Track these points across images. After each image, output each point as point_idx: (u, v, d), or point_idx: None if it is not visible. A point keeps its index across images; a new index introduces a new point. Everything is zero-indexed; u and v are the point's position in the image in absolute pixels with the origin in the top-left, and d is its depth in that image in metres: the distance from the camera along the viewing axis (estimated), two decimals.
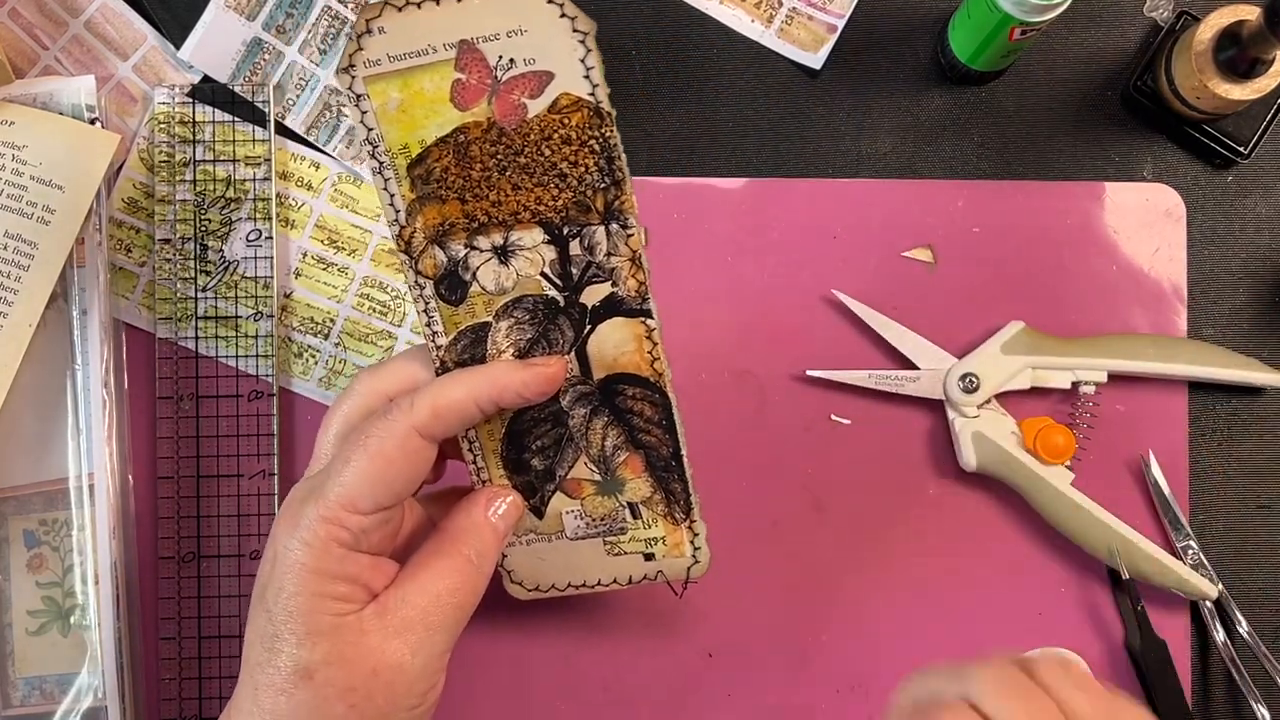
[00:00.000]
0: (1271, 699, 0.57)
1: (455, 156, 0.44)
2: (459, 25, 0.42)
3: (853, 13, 0.61)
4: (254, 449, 0.58)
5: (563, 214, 0.45)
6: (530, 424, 0.48)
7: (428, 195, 0.44)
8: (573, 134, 0.44)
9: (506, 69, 0.43)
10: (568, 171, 0.44)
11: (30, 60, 0.60)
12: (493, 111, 0.43)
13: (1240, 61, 0.55)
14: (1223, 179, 0.61)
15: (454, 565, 0.45)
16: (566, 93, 0.43)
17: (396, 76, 0.43)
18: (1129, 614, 0.57)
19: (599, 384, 0.48)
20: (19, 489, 0.57)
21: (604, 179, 0.45)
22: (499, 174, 0.44)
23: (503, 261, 0.45)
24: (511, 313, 0.46)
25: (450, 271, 0.46)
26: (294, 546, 0.43)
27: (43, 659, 0.56)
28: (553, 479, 0.49)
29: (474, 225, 0.45)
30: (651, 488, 0.50)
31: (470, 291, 0.46)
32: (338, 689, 0.43)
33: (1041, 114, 0.61)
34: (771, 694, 0.58)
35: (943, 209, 0.60)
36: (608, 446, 0.49)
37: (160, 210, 0.59)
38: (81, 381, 0.57)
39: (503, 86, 0.43)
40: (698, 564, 0.51)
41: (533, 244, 0.45)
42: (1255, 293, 0.60)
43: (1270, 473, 0.60)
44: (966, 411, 0.57)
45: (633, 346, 0.47)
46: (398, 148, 0.44)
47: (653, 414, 0.48)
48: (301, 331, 0.59)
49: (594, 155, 0.44)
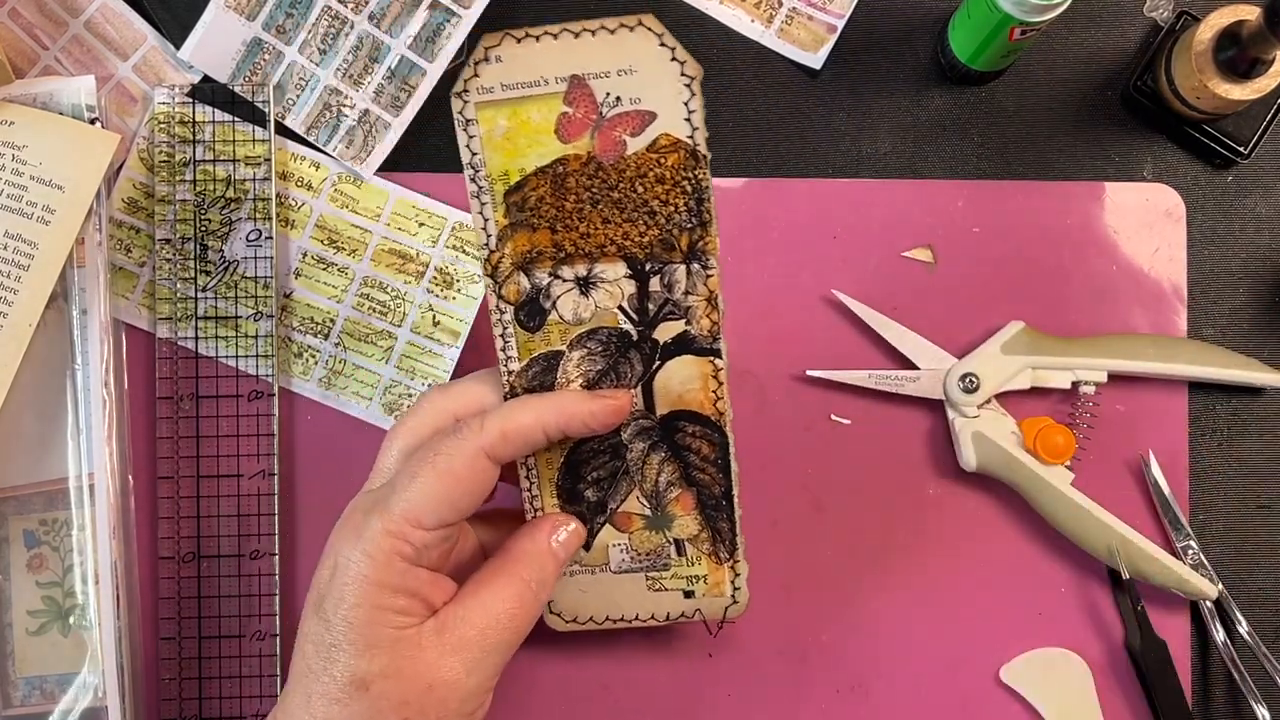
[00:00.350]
0: (1271, 699, 0.57)
1: (552, 186, 0.45)
2: (573, 60, 0.43)
3: (853, 13, 0.61)
4: (254, 449, 0.58)
5: (648, 250, 0.46)
6: (589, 455, 0.49)
7: (520, 222, 0.45)
8: (667, 173, 0.45)
9: (612, 106, 0.44)
10: (658, 209, 0.45)
11: (30, 60, 0.60)
12: (594, 146, 0.45)
13: (1240, 61, 0.55)
14: (1223, 179, 0.61)
15: (515, 590, 0.46)
16: (666, 133, 0.44)
17: (507, 105, 0.44)
18: (1129, 614, 0.57)
19: (660, 419, 0.48)
20: (19, 489, 0.57)
21: (691, 219, 0.45)
22: (591, 207, 0.45)
23: (584, 293, 0.46)
24: (585, 343, 0.47)
25: (532, 299, 0.46)
26: (356, 558, 0.44)
27: (43, 659, 0.56)
28: (604, 511, 0.50)
29: (561, 255, 0.46)
30: (699, 525, 0.50)
31: (548, 320, 0.47)
32: (392, 702, 0.43)
33: (1041, 114, 0.61)
34: (771, 694, 0.58)
35: (943, 209, 0.60)
36: (662, 482, 0.49)
37: (160, 210, 0.59)
38: (81, 381, 0.57)
39: (606, 123, 0.44)
40: (736, 604, 0.51)
41: (614, 277, 0.46)
42: (1255, 293, 0.60)
43: (1270, 473, 0.60)
44: (966, 411, 0.57)
45: (698, 385, 0.48)
46: (498, 174, 0.45)
47: (709, 452, 0.49)
48: (301, 331, 0.59)
49: (685, 196, 0.45)
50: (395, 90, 0.59)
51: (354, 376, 0.59)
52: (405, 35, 0.59)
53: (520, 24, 0.60)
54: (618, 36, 0.43)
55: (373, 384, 0.59)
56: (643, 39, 0.43)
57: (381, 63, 0.60)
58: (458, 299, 0.59)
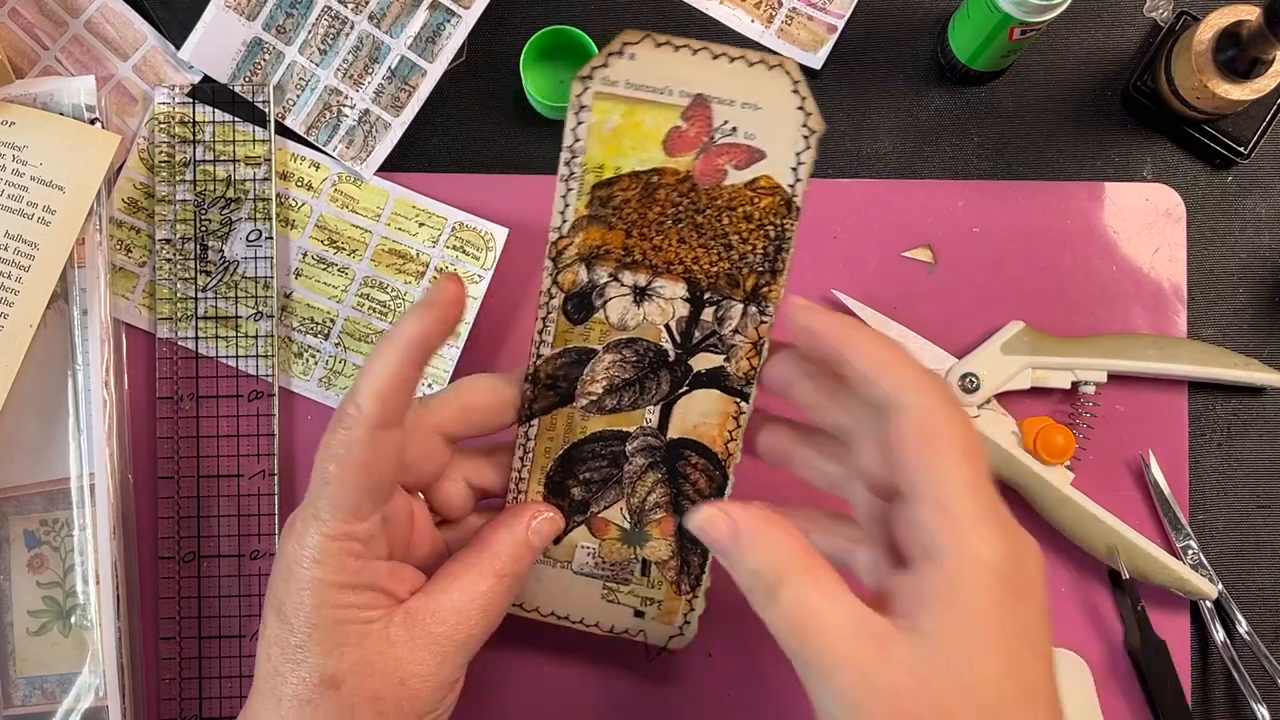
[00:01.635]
0: (1271, 699, 0.57)
1: (642, 192, 0.45)
2: (703, 79, 0.43)
3: (853, 13, 0.61)
4: (254, 449, 0.58)
5: (712, 280, 0.46)
6: (589, 455, 0.49)
7: (599, 217, 0.45)
8: (756, 213, 0.45)
9: (726, 134, 0.44)
10: (735, 244, 0.45)
11: (30, 60, 0.60)
12: (695, 166, 0.44)
13: (1240, 61, 0.55)
14: (1223, 179, 0.61)
15: (488, 585, 0.45)
16: (769, 176, 0.44)
17: (625, 102, 0.44)
18: (1129, 614, 0.57)
19: (669, 442, 0.48)
20: (20, 489, 0.57)
21: (765, 264, 0.45)
22: (673, 223, 0.45)
23: (637, 301, 0.46)
24: (621, 350, 0.47)
25: (585, 292, 0.46)
26: (306, 564, 0.43)
27: (43, 659, 0.56)
28: (584, 512, 0.50)
29: (628, 259, 0.46)
30: (672, 552, 0.50)
31: (593, 317, 0.47)
32: (364, 698, 0.43)
33: (1041, 114, 0.61)
34: (771, 694, 0.58)
35: (943, 209, 0.60)
36: (650, 501, 0.49)
37: (160, 210, 0.59)
38: (82, 381, 0.57)
39: (715, 148, 0.44)
40: (681, 636, 0.51)
41: (671, 296, 0.46)
42: (1255, 293, 0.60)
43: (1270, 473, 0.60)
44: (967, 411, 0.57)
45: (717, 420, 0.48)
46: (593, 165, 0.45)
47: (706, 487, 0.49)
48: (301, 331, 0.59)
49: (766, 240, 0.45)
50: (395, 90, 0.59)
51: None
52: (405, 35, 0.59)
53: (520, 24, 0.60)
54: (755, 70, 0.43)
55: None
56: (777, 79, 0.43)
57: (382, 63, 0.60)
58: None
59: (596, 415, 0.48)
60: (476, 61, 0.60)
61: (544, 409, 0.48)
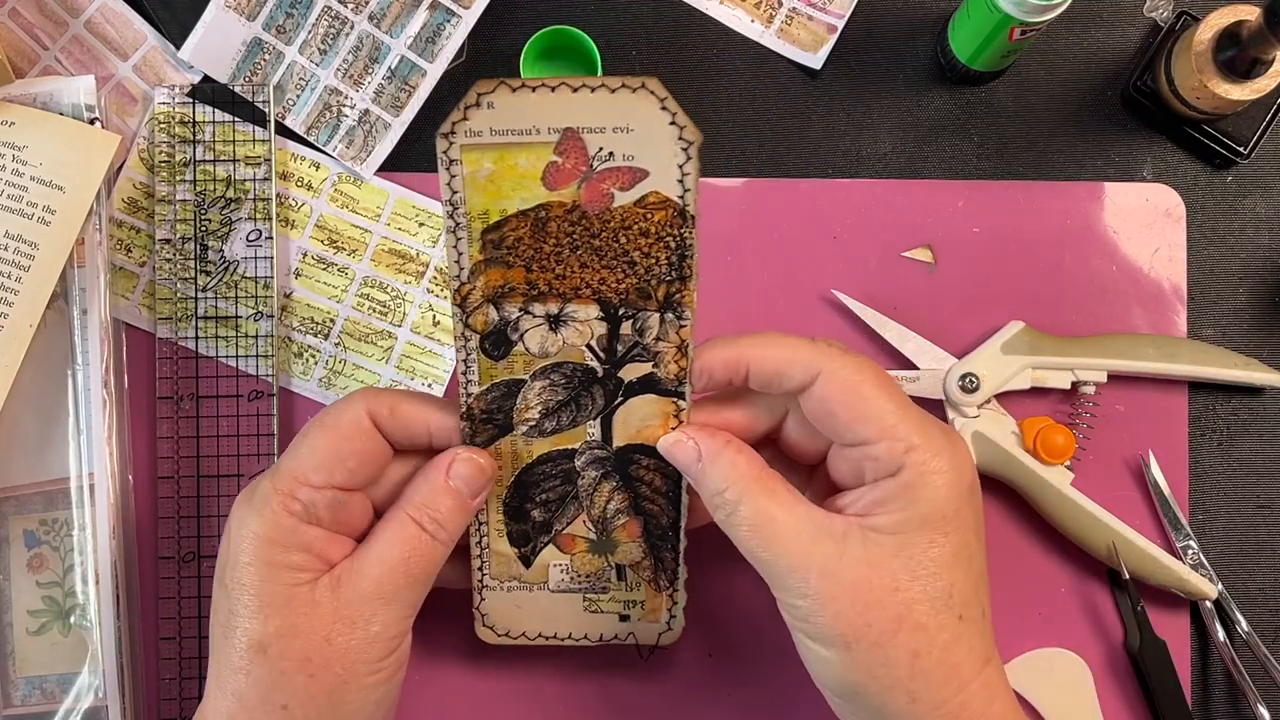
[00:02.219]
0: (1271, 699, 0.57)
1: (532, 229, 0.45)
2: (568, 113, 0.43)
3: (853, 13, 0.61)
4: (254, 449, 0.58)
5: (623, 296, 0.46)
6: (541, 478, 0.49)
7: (495, 259, 0.45)
8: (652, 229, 0.45)
9: (604, 160, 0.44)
10: (638, 260, 0.45)
11: (30, 60, 0.60)
12: (580, 195, 0.44)
13: (1240, 61, 0.55)
14: (1223, 179, 0.61)
15: (407, 533, 0.46)
16: (657, 191, 0.44)
17: (494, 149, 0.43)
18: (1129, 614, 0.57)
19: (616, 451, 0.49)
20: (19, 489, 0.57)
21: (671, 273, 0.45)
22: (570, 251, 0.45)
23: (553, 329, 0.46)
24: (549, 375, 0.47)
25: (499, 330, 0.46)
26: (248, 518, 0.44)
27: (43, 659, 0.56)
28: (549, 532, 0.50)
29: (534, 292, 0.46)
30: (643, 553, 0.50)
31: (513, 350, 0.47)
32: (293, 661, 0.43)
33: (1041, 114, 0.61)
34: (771, 694, 0.58)
35: (943, 209, 0.60)
36: (610, 509, 0.50)
37: (160, 210, 0.59)
38: (81, 381, 0.57)
39: (596, 175, 0.44)
40: (670, 631, 0.52)
41: (586, 318, 0.46)
42: (1255, 293, 0.60)
43: (1270, 473, 0.60)
44: (966, 411, 0.57)
45: (658, 422, 0.48)
46: (477, 212, 0.44)
47: (661, 484, 0.49)
48: (301, 331, 0.59)
49: (668, 251, 0.45)
50: (395, 90, 0.59)
51: (354, 376, 0.59)
52: (405, 35, 0.59)
53: (520, 24, 0.60)
54: (618, 96, 0.43)
55: (373, 384, 0.59)
56: (643, 100, 0.43)
57: (381, 63, 0.60)
58: None
59: (539, 439, 0.48)
60: (476, 61, 0.60)
61: (486, 441, 0.48)
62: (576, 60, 0.60)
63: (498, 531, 0.50)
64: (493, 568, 0.51)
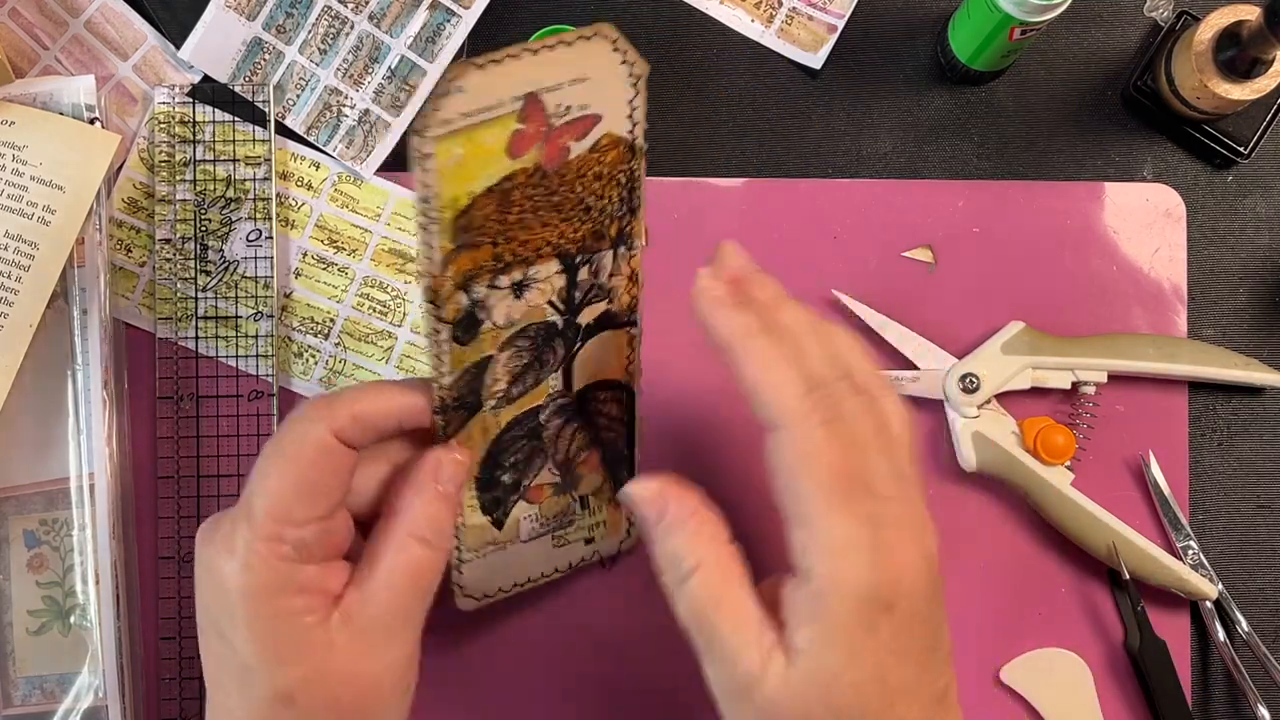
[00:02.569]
0: (1271, 699, 0.57)
1: (498, 204, 0.43)
2: (530, 77, 0.41)
3: (853, 13, 0.61)
4: (254, 449, 0.58)
5: (580, 244, 0.45)
6: (509, 443, 0.48)
7: (465, 244, 0.43)
8: (605, 170, 0.44)
9: (561, 116, 0.42)
10: (592, 205, 0.44)
11: (30, 60, 0.60)
12: (540, 156, 0.43)
13: (1240, 61, 0.55)
14: (1223, 179, 0.61)
15: (411, 554, 0.43)
16: (609, 133, 0.43)
17: (464, 133, 0.41)
18: (1129, 614, 0.57)
19: (577, 394, 0.48)
20: (19, 489, 0.57)
21: (623, 207, 0.45)
22: (532, 215, 0.44)
23: (517, 296, 0.45)
24: (514, 343, 0.46)
25: (469, 313, 0.45)
26: (235, 574, 0.41)
27: (43, 658, 0.56)
28: (517, 490, 0.50)
29: (499, 266, 0.44)
30: (602, 479, 0.51)
31: (482, 329, 0.45)
32: (322, 703, 0.42)
33: (1041, 114, 0.61)
34: None
35: (943, 209, 0.60)
36: (573, 449, 0.50)
37: (160, 210, 0.59)
38: (81, 381, 0.57)
39: (554, 133, 0.43)
40: (629, 538, 0.53)
41: (546, 275, 0.45)
42: (1255, 293, 0.60)
43: (1270, 473, 0.60)
44: (966, 412, 0.57)
45: (613, 354, 0.48)
46: (448, 200, 0.42)
47: (618, 412, 0.49)
48: (301, 331, 0.59)
49: (619, 187, 0.44)
50: (395, 90, 0.59)
51: (354, 376, 0.59)
52: (405, 35, 0.59)
53: (520, 24, 0.60)
54: (575, 48, 0.41)
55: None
56: (597, 46, 0.42)
57: (382, 63, 0.60)
58: None
59: (506, 407, 0.47)
60: None
61: (458, 427, 0.46)
62: None
63: (470, 508, 0.49)
64: (467, 540, 0.49)
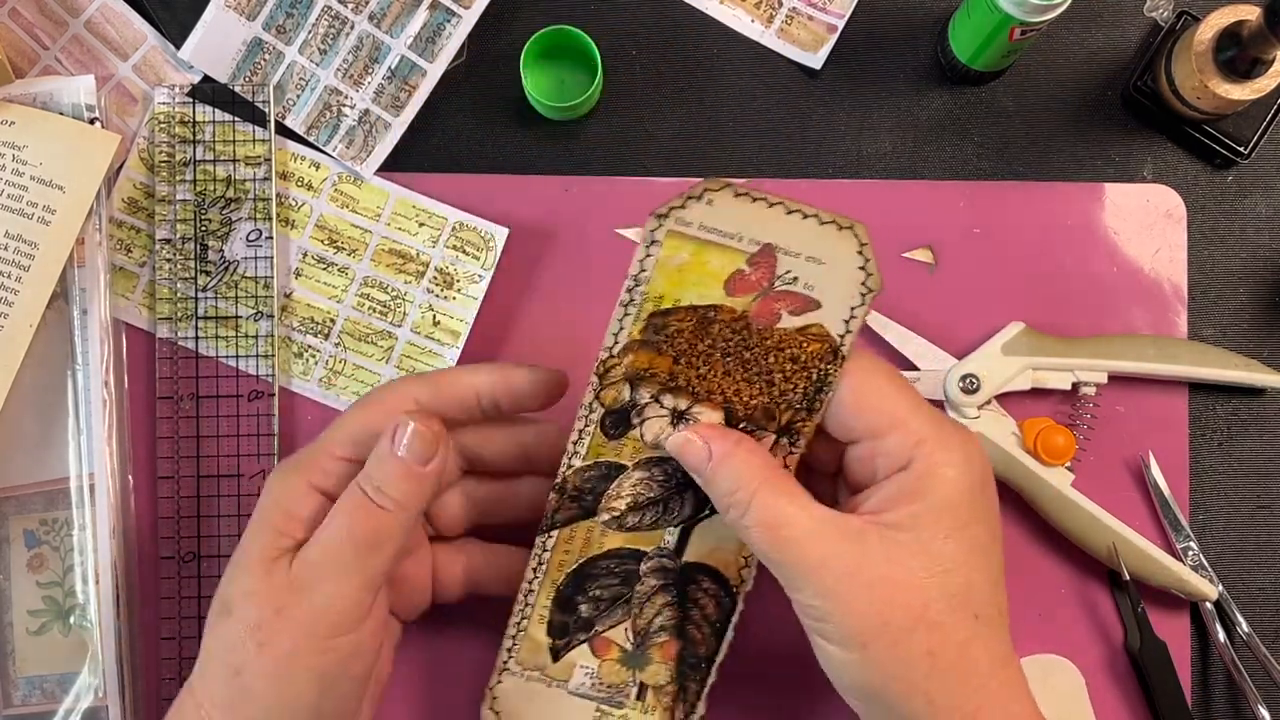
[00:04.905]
0: (1271, 700, 0.57)
1: (697, 324, 0.46)
2: (773, 230, 0.44)
3: (853, 13, 0.61)
4: (254, 449, 0.58)
5: (750, 411, 0.46)
6: (602, 572, 0.49)
7: (650, 343, 0.46)
8: (803, 356, 0.46)
9: (787, 282, 0.45)
10: (778, 382, 0.46)
11: (30, 60, 0.60)
12: (751, 308, 0.45)
13: (1240, 61, 0.55)
14: (1223, 179, 0.61)
15: (351, 501, 0.46)
16: (820, 324, 0.45)
17: (695, 242, 0.45)
18: (1129, 615, 0.57)
19: (683, 565, 0.49)
20: (19, 489, 0.57)
21: (804, 402, 0.46)
22: (721, 355, 0.46)
23: (674, 423, 0.47)
24: (650, 468, 0.48)
25: (624, 410, 0.47)
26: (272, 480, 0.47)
27: (43, 658, 0.56)
28: (588, 630, 0.50)
29: (671, 384, 0.46)
30: (670, 677, 0.50)
31: (628, 434, 0.47)
32: (247, 625, 0.44)
33: (1041, 114, 0.61)
34: (771, 694, 0.58)
35: (943, 209, 0.60)
36: (656, 624, 0.49)
37: (160, 210, 0.59)
38: (82, 381, 0.57)
39: (773, 294, 0.45)
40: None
41: (707, 421, 0.46)
42: (1255, 293, 0.60)
43: (1270, 473, 0.60)
44: (967, 412, 0.57)
45: (732, 546, 0.48)
46: (654, 295, 0.45)
47: (714, 613, 0.49)
48: (301, 331, 0.59)
49: (808, 381, 0.46)
50: (395, 90, 0.59)
51: (354, 376, 0.59)
52: (405, 35, 0.59)
53: (520, 24, 0.60)
54: (825, 229, 0.44)
55: (373, 384, 0.59)
56: (845, 240, 0.44)
57: (382, 63, 0.60)
58: (458, 299, 0.59)
59: (616, 531, 0.48)
60: (476, 61, 0.60)
61: (566, 520, 0.48)
62: (576, 61, 0.60)
63: (540, 617, 0.49)
64: (521, 653, 0.50)
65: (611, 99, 0.60)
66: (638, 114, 0.60)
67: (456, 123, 0.60)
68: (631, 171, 0.60)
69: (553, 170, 0.60)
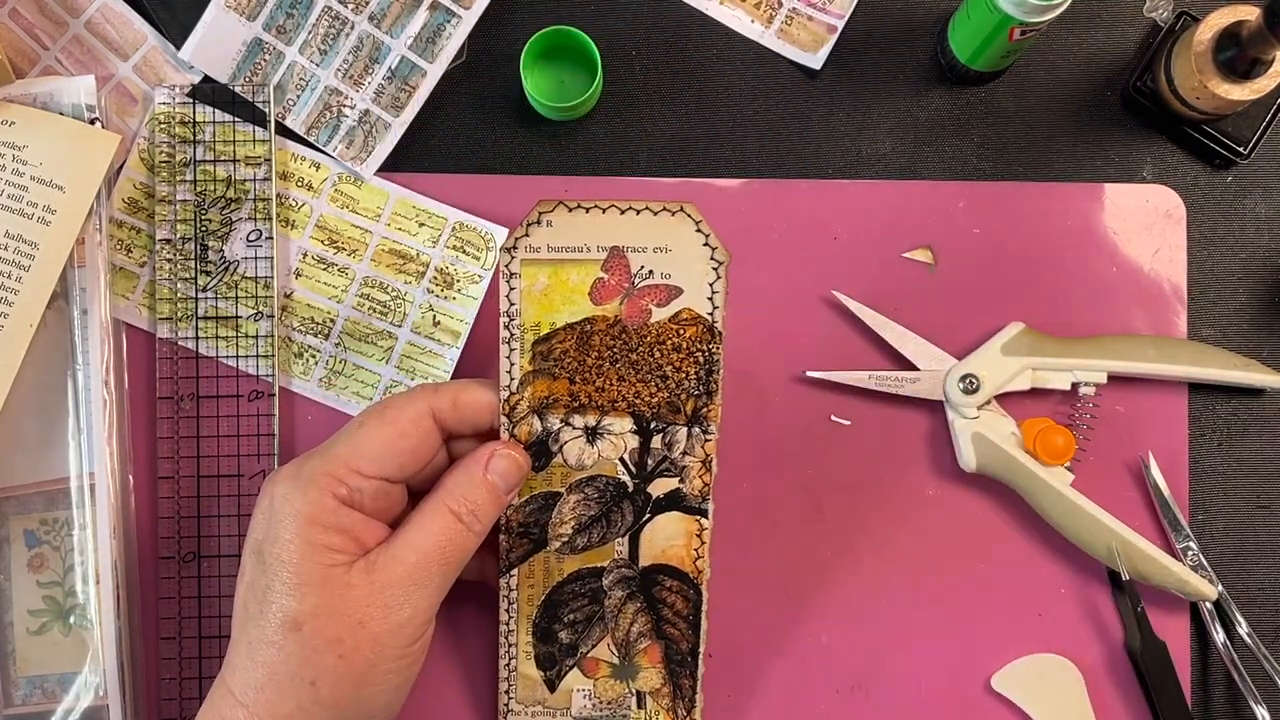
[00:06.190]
0: (1271, 699, 0.57)
1: (577, 342, 0.49)
2: (616, 233, 0.48)
3: (853, 13, 0.61)
4: (254, 449, 0.58)
5: (655, 410, 0.49)
6: (569, 596, 0.51)
7: (543, 370, 0.49)
8: (684, 344, 0.49)
9: (644, 278, 0.48)
10: (670, 374, 0.49)
11: (30, 60, 0.60)
12: (621, 311, 0.48)
13: (1240, 62, 0.55)
14: (1223, 179, 0.61)
15: (443, 523, 0.47)
16: (689, 308, 0.48)
17: (549, 265, 0.48)
18: (1129, 615, 0.57)
19: (641, 571, 0.51)
20: (19, 489, 0.57)
21: (699, 387, 0.49)
22: (610, 364, 0.49)
23: (589, 441, 0.49)
24: (584, 488, 0.50)
25: (541, 440, 0.49)
26: (292, 495, 0.46)
27: (44, 658, 0.56)
28: (574, 654, 0.51)
29: (575, 404, 0.49)
30: (663, 680, 0.52)
31: (553, 462, 0.50)
32: (325, 640, 0.45)
33: (1041, 114, 0.61)
34: (771, 694, 0.58)
35: (943, 210, 0.60)
36: (633, 632, 0.51)
37: (160, 210, 0.59)
38: (82, 381, 0.57)
39: (637, 291, 0.48)
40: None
41: (620, 431, 0.49)
42: (1255, 293, 0.60)
43: (1270, 473, 0.60)
44: (966, 412, 0.57)
45: (682, 541, 0.50)
46: (530, 324, 0.49)
47: (683, 608, 0.51)
48: (301, 331, 0.59)
49: (697, 366, 0.49)
50: (395, 90, 0.59)
51: (354, 376, 0.59)
52: (405, 35, 0.59)
53: (520, 24, 0.60)
54: (660, 218, 0.48)
55: (373, 384, 0.59)
56: (681, 224, 0.48)
57: (382, 63, 0.60)
58: (458, 299, 0.59)
59: (570, 555, 0.51)
60: (476, 61, 0.60)
61: (521, 557, 0.51)
62: (577, 61, 0.60)
63: (525, 654, 0.51)
64: (519, 691, 0.52)
65: (611, 99, 0.60)
66: (638, 114, 0.60)
67: (456, 123, 0.60)
68: (631, 171, 0.60)
69: (553, 170, 0.60)
